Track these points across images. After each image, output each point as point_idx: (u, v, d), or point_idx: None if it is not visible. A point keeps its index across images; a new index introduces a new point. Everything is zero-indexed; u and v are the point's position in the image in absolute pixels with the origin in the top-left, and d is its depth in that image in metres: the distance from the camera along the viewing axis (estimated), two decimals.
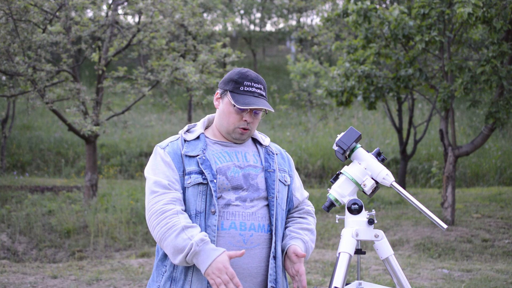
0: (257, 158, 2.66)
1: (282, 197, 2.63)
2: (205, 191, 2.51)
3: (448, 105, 8.52)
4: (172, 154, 2.59)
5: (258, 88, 2.60)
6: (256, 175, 2.59)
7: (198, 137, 2.64)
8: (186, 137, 2.64)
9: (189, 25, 9.73)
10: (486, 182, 13.14)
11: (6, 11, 8.37)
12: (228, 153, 2.63)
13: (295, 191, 2.73)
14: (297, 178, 2.79)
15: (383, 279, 6.40)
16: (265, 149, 2.71)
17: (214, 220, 2.47)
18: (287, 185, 2.68)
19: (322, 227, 9.36)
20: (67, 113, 10.75)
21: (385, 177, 2.53)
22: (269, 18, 24.74)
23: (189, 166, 2.56)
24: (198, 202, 2.50)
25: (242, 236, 2.48)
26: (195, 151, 2.58)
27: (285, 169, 2.71)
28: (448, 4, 8.14)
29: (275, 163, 2.66)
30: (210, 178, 2.50)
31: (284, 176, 2.68)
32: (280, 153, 2.77)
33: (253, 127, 2.64)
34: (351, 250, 2.49)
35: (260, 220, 2.54)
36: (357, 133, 2.56)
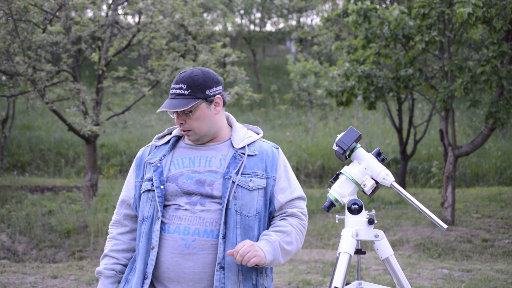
0: (222, 162, 2.60)
1: (244, 204, 2.54)
2: (153, 197, 2.57)
3: (448, 105, 8.52)
4: (139, 159, 2.72)
5: (178, 88, 2.58)
6: (213, 181, 2.55)
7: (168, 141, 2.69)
8: (157, 143, 2.70)
9: (189, 25, 9.72)
10: (486, 182, 13.14)
11: (6, 11, 8.36)
12: (190, 158, 2.62)
13: (278, 193, 2.63)
14: (285, 179, 2.67)
15: (383, 279, 6.40)
16: (235, 152, 2.62)
17: (158, 225, 2.53)
18: (254, 189, 2.58)
19: (322, 227, 9.36)
20: (67, 113, 10.74)
21: (385, 177, 2.53)
22: (269, 18, 24.73)
23: (148, 173, 2.64)
24: (147, 208, 2.58)
25: (184, 240, 2.49)
26: (156, 157, 2.64)
27: (257, 172, 2.60)
28: (448, 4, 8.14)
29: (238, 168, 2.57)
30: (157, 184, 2.55)
31: (250, 180, 2.57)
32: (261, 154, 2.66)
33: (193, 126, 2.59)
34: (351, 250, 2.49)
35: (208, 225, 2.50)
36: (357, 133, 2.56)
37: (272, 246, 2.51)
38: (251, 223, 2.56)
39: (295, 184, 2.70)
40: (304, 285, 6.29)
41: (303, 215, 2.67)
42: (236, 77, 9.65)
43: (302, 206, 2.69)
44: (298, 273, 6.77)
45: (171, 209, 2.54)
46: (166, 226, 2.53)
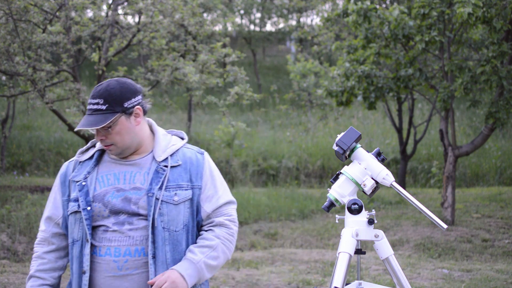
0: (146, 177, 2.52)
1: (171, 219, 2.48)
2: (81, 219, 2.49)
3: (448, 105, 8.52)
4: (63, 176, 2.60)
5: (95, 104, 2.48)
6: (139, 199, 2.48)
7: (92, 156, 2.59)
8: (80, 158, 2.60)
9: (189, 25, 9.72)
10: (486, 182, 13.14)
11: (6, 11, 8.36)
12: (115, 175, 2.54)
13: (204, 202, 2.57)
14: (211, 187, 2.59)
15: (383, 279, 6.40)
16: (157, 166, 2.53)
17: (88, 249, 2.47)
18: (179, 203, 2.51)
19: (322, 227, 9.36)
20: (67, 113, 10.74)
21: (385, 177, 2.53)
22: (269, 18, 24.72)
23: (73, 192, 2.54)
24: (75, 230, 2.51)
25: (116, 262, 2.45)
26: (80, 175, 2.54)
27: (181, 184, 2.53)
28: (448, 4, 8.14)
29: (161, 183, 2.49)
30: (83, 206, 2.48)
31: (175, 194, 2.50)
32: (184, 163, 2.57)
33: (115, 140, 2.50)
34: (351, 250, 2.49)
35: (139, 243, 2.46)
36: (357, 133, 2.56)
37: (195, 267, 2.48)
38: (179, 238, 2.51)
39: (222, 189, 2.61)
40: (304, 285, 6.29)
41: (231, 222, 2.60)
42: (236, 77, 9.65)
43: (230, 213, 2.62)
44: (298, 273, 6.77)
45: (100, 231, 2.48)
46: (97, 249, 2.47)
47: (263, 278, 6.49)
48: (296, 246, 8.71)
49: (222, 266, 2.63)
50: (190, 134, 16.07)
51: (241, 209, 10.17)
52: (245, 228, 9.53)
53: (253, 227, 9.55)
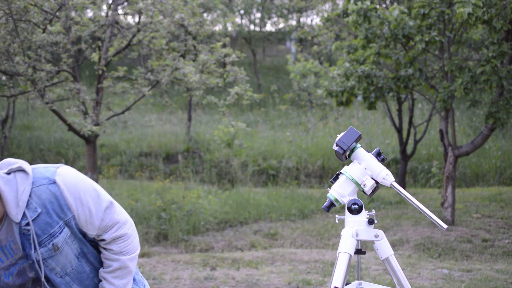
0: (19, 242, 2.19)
1: (63, 265, 2.27)
2: None
3: (448, 105, 8.52)
4: None
5: None
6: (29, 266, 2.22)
7: None
8: None
9: (189, 25, 9.72)
10: (486, 182, 13.14)
11: (6, 11, 8.36)
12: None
13: (86, 229, 2.27)
14: (83, 211, 2.24)
15: (383, 279, 6.40)
16: (19, 228, 2.16)
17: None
18: (62, 246, 2.23)
19: (322, 227, 9.35)
20: (67, 113, 10.74)
21: (385, 177, 2.53)
22: (269, 18, 24.72)
23: None
24: None
25: None
26: None
27: (54, 230, 2.20)
28: (448, 4, 8.14)
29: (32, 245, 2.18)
30: None
31: (52, 244, 2.20)
32: (43, 206, 2.18)
33: None
34: (351, 250, 2.49)
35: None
36: (357, 133, 2.56)
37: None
38: (79, 269, 2.32)
39: (93, 203, 2.27)
40: (304, 285, 6.29)
41: (120, 228, 2.34)
42: (236, 77, 9.65)
43: (114, 219, 2.32)
44: (298, 273, 6.77)
45: None
46: None
47: (263, 278, 6.49)
48: (296, 246, 8.71)
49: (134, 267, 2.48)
50: (190, 134, 16.07)
51: (241, 209, 10.18)
52: (245, 228, 9.53)
53: (253, 227, 9.56)
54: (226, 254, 7.86)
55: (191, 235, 9.14)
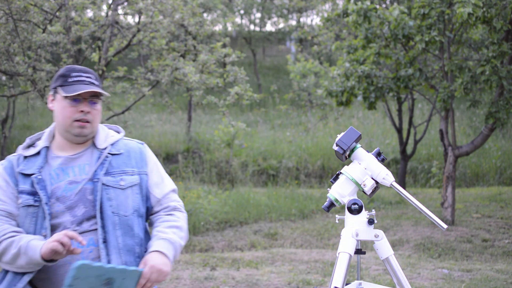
0: (93, 166, 2.50)
1: (120, 204, 2.48)
2: (36, 213, 2.41)
3: (448, 105, 8.52)
4: (9, 169, 2.49)
5: (88, 77, 2.50)
6: (92, 189, 2.46)
7: (39, 152, 2.52)
8: (25, 153, 2.53)
9: (189, 25, 9.72)
10: (486, 182, 13.13)
11: (6, 11, 8.36)
12: (63, 170, 2.49)
13: (153, 188, 2.60)
14: (157, 173, 2.63)
15: (383, 279, 6.40)
16: (99, 153, 2.53)
17: None
18: (126, 188, 2.51)
19: (322, 227, 9.35)
20: None
21: (385, 177, 2.53)
22: (269, 18, 24.73)
23: (23, 184, 2.45)
24: (26, 224, 2.42)
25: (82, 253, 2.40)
26: (32, 169, 2.46)
27: (126, 170, 2.54)
28: (448, 4, 8.14)
29: (105, 168, 2.49)
30: (45, 201, 2.41)
31: (121, 179, 2.51)
32: (127, 152, 2.59)
33: (94, 118, 2.51)
34: (351, 250, 2.50)
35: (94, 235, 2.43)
36: (357, 133, 2.56)
37: (174, 247, 2.49)
38: (129, 222, 2.50)
39: (166, 177, 2.67)
40: (304, 285, 6.29)
41: (182, 207, 2.66)
42: (236, 77, 9.65)
43: (178, 199, 2.67)
44: (298, 273, 6.77)
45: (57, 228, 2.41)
46: None
47: (263, 278, 6.49)
48: (296, 246, 8.71)
49: None
50: (190, 134, 16.07)
51: (241, 209, 10.18)
52: (245, 228, 9.53)
53: (253, 227, 9.55)
54: (226, 254, 7.87)
55: (191, 235, 9.14)
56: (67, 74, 2.50)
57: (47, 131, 2.60)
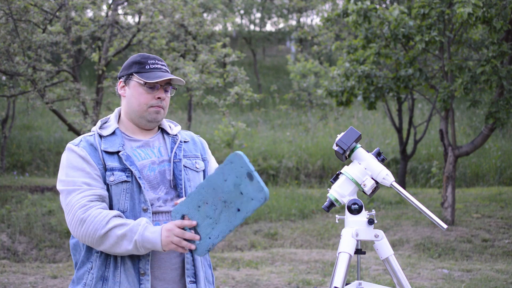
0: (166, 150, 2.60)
1: (195, 186, 2.55)
2: (129, 189, 2.43)
3: (448, 105, 8.52)
4: (88, 148, 2.47)
5: (163, 65, 2.56)
6: (170, 170, 2.53)
7: (114, 132, 2.55)
8: (102, 133, 2.53)
9: (189, 25, 9.72)
10: (486, 182, 13.13)
11: (6, 11, 8.37)
12: (143, 151, 2.55)
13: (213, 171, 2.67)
14: (213, 163, 2.74)
15: (383, 279, 6.40)
16: (171, 138, 2.63)
17: (148, 218, 2.41)
18: (200, 171, 2.62)
19: (322, 227, 9.35)
20: (67, 113, 10.75)
21: (385, 177, 2.53)
22: (269, 18, 24.73)
23: (111, 162, 2.45)
24: (122, 201, 2.43)
25: None
26: (114, 146, 2.48)
27: (197, 155, 2.66)
28: (448, 4, 8.14)
29: (182, 151, 2.60)
30: (138, 175, 2.44)
31: (196, 162, 2.62)
32: (192, 140, 2.71)
33: (167, 105, 2.59)
34: (351, 250, 2.50)
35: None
36: (357, 133, 2.56)
37: None
38: None
39: None
40: (304, 285, 6.29)
41: None
42: (236, 77, 9.65)
43: None
44: (298, 273, 6.77)
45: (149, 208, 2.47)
46: None
47: (263, 278, 6.49)
48: (296, 246, 8.72)
49: None
50: None
51: None
52: (245, 228, 9.53)
53: (253, 227, 9.55)
54: (226, 254, 7.87)
55: None
56: (144, 61, 2.54)
57: (113, 116, 2.63)
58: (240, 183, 2.27)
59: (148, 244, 2.30)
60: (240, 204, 2.30)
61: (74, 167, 2.43)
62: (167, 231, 2.29)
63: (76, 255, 2.50)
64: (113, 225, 2.32)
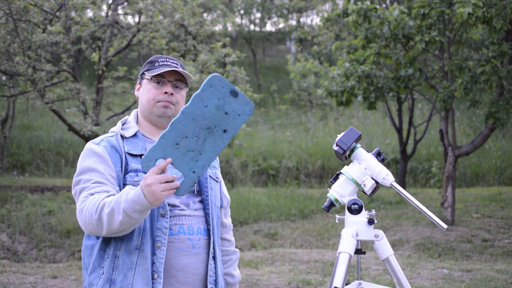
0: None
1: (216, 195, 2.59)
2: None
3: (448, 105, 8.52)
4: (109, 149, 2.46)
5: (174, 62, 2.55)
6: None
7: (135, 134, 2.54)
8: (124, 134, 2.52)
9: (189, 25, 9.72)
10: (486, 182, 13.13)
11: (6, 11, 8.36)
12: None
13: (223, 188, 2.70)
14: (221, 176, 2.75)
15: (383, 279, 6.40)
16: None
17: (165, 223, 2.40)
18: (219, 181, 2.65)
19: (322, 227, 9.35)
20: (67, 113, 10.74)
21: (385, 177, 2.53)
22: (269, 18, 24.72)
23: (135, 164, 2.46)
24: None
25: (191, 241, 2.45)
26: (137, 149, 2.48)
27: (215, 165, 2.66)
28: (448, 4, 8.14)
29: None
30: None
31: (216, 172, 2.64)
32: None
33: (178, 102, 2.54)
34: (351, 250, 2.49)
35: (203, 223, 2.51)
36: (357, 133, 2.56)
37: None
38: (219, 214, 2.61)
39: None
40: (304, 285, 6.29)
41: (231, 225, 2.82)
42: (236, 77, 9.65)
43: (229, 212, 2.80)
44: (298, 273, 6.77)
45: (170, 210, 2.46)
46: None
47: (263, 278, 6.49)
48: (296, 246, 8.72)
49: None
50: None
51: (241, 209, 10.18)
52: (245, 228, 9.53)
53: (253, 227, 9.55)
54: None
55: None
56: (155, 60, 2.57)
57: (131, 117, 2.61)
58: (223, 104, 2.21)
59: (136, 205, 2.21)
60: (226, 124, 2.23)
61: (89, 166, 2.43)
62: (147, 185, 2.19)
63: (85, 258, 2.47)
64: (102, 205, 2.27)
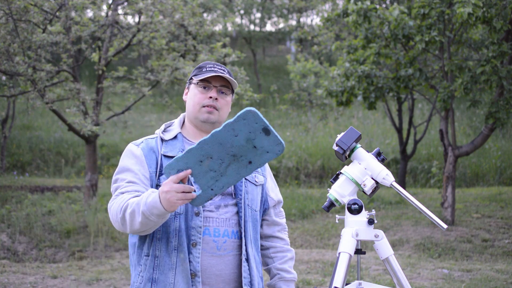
0: None
1: (253, 198, 2.59)
2: None
3: (448, 105, 8.52)
4: (146, 150, 2.53)
5: (221, 69, 2.57)
6: None
7: (175, 136, 2.59)
8: (164, 137, 2.58)
9: (189, 25, 9.72)
10: (486, 182, 13.13)
11: (6, 11, 8.36)
12: None
13: (270, 191, 2.71)
14: (271, 179, 2.75)
15: (383, 279, 6.40)
16: None
17: (199, 222, 2.45)
18: (259, 185, 2.64)
19: (322, 227, 9.35)
20: (67, 113, 10.74)
21: (385, 177, 2.52)
22: (269, 18, 24.72)
23: None
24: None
25: (216, 242, 2.47)
26: (174, 151, 2.53)
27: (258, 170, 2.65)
28: (448, 4, 8.14)
29: None
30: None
31: (255, 176, 2.63)
32: None
33: (222, 107, 2.58)
34: (351, 250, 2.49)
35: (234, 226, 2.51)
36: (357, 133, 2.55)
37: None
38: (257, 218, 2.62)
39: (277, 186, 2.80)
40: (304, 285, 6.29)
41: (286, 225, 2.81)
42: (236, 77, 9.65)
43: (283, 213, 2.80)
44: (298, 273, 6.77)
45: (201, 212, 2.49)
46: None
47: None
48: (296, 246, 8.71)
49: None
50: None
51: None
52: None
53: None
54: None
55: None
56: (203, 66, 2.61)
57: (177, 120, 2.67)
58: (254, 137, 2.24)
59: (154, 209, 2.27)
60: (252, 157, 2.28)
61: (126, 166, 2.52)
62: (164, 192, 2.24)
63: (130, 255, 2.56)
64: (126, 205, 2.34)
